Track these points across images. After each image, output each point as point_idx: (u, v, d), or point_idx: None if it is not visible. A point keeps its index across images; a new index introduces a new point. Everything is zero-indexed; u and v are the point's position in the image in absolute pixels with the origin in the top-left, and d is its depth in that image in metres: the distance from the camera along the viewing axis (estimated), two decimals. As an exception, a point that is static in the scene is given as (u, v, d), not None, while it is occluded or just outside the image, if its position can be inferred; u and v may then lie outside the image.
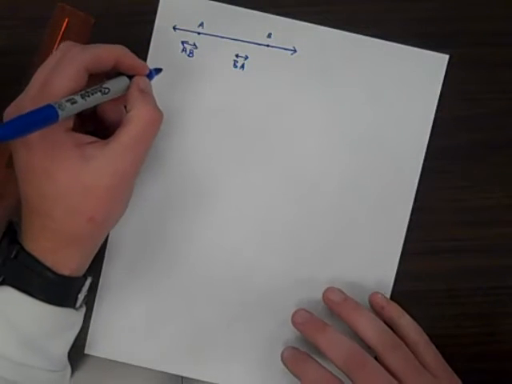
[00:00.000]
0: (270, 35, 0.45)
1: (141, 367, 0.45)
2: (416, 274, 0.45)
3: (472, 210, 0.46)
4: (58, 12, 0.43)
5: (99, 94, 0.37)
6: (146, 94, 0.38)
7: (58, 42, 0.43)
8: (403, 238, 0.45)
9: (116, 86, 0.38)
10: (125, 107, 0.38)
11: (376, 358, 0.41)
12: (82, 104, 0.35)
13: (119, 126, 0.37)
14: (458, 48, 0.45)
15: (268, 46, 0.45)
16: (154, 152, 0.45)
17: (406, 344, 0.42)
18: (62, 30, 0.43)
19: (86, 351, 0.45)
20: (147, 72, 0.39)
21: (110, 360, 0.45)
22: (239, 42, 0.45)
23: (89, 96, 0.36)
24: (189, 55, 0.45)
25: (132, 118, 0.37)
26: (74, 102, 0.35)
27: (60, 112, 0.34)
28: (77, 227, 0.37)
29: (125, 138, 0.36)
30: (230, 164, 0.45)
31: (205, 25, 0.45)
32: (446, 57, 0.45)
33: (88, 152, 0.36)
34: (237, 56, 0.45)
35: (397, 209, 0.45)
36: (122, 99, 0.38)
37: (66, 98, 0.35)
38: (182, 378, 0.45)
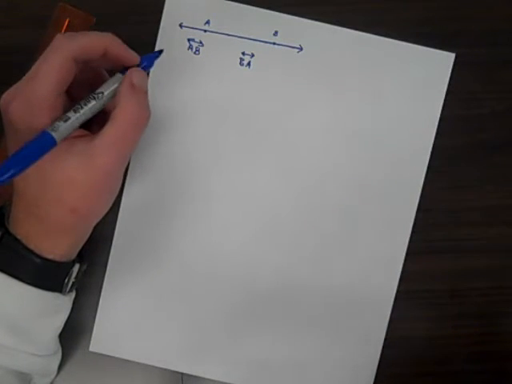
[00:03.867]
0: (276, 33, 0.45)
1: (142, 364, 0.45)
2: (416, 274, 0.45)
3: (472, 209, 0.46)
4: (59, 12, 0.43)
5: (93, 101, 0.36)
6: (137, 89, 0.37)
7: (58, 42, 0.43)
8: (408, 239, 0.45)
9: (111, 85, 0.37)
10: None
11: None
12: (77, 118, 0.36)
13: (107, 122, 0.36)
14: (458, 48, 0.45)
15: (274, 43, 0.45)
16: (159, 149, 0.45)
17: None
18: (63, 29, 0.43)
19: (90, 349, 0.45)
20: (137, 63, 0.39)
21: (112, 357, 0.45)
22: (245, 39, 0.45)
23: (82, 107, 0.36)
24: (195, 53, 0.45)
25: (116, 115, 0.36)
26: (66, 119, 0.35)
27: (54, 134, 0.34)
28: (60, 217, 0.37)
29: (107, 136, 0.36)
30: (235, 161, 0.45)
31: (211, 22, 0.45)
32: (453, 55, 0.45)
33: (74, 146, 0.36)
34: (243, 54, 0.45)
35: (402, 209, 0.45)
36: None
37: (59, 118, 0.35)
38: (182, 375, 0.46)
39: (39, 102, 0.35)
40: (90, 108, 0.36)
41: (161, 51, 0.41)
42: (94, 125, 0.38)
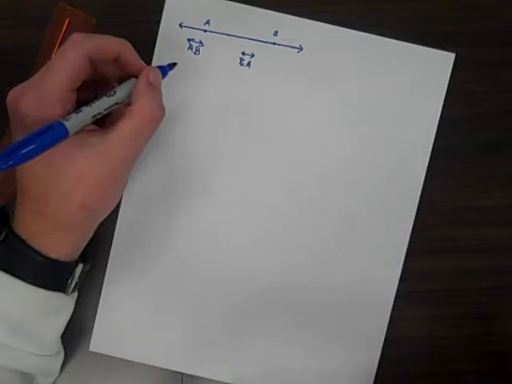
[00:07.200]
0: (276, 33, 0.45)
1: (142, 364, 0.45)
2: (416, 273, 0.45)
3: (472, 209, 0.46)
4: (59, 12, 0.43)
5: (105, 97, 0.37)
6: (153, 88, 0.37)
7: (58, 42, 0.43)
8: (408, 239, 0.45)
9: (126, 88, 0.38)
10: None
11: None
12: (89, 111, 0.36)
13: (120, 117, 0.37)
14: (459, 48, 0.45)
15: (274, 43, 0.45)
16: (160, 149, 0.45)
17: None
18: (63, 30, 0.43)
19: (90, 349, 0.45)
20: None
21: (112, 357, 0.45)
22: (245, 39, 0.45)
23: (94, 102, 0.36)
24: (195, 53, 0.45)
25: (133, 111, 0.36)
26: (79, 112, 0.35)
27: (66, 123, 0.34)
28: (68, 213, 0.37)
29: (124, 130, 0.36)
30: (235, 162, 0.45)
31: (211, 22, 0.45)
32: (452, 55, 0.45)
33: (86, 139, 0.36)
34: (243, 54, 0.45)
35: (402, 209, 0.45)
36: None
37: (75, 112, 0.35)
38: (182, 375, 0.46)
39: (52, 96, 0.35)
40: (101, 103, 0.36)
41: (174, 64, 0.42)
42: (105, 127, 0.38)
